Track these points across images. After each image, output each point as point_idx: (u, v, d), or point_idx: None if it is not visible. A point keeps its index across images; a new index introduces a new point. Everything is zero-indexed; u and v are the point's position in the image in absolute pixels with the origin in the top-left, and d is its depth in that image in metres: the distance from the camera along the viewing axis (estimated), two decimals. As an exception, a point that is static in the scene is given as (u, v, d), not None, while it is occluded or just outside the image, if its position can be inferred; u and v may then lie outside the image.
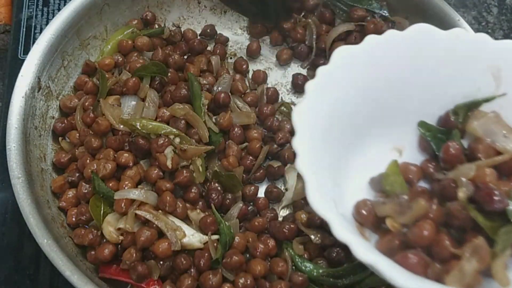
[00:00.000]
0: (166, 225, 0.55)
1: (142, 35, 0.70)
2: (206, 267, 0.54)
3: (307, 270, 0.55)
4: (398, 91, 0.47)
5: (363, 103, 0.45)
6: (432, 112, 0.50)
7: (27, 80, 0.61)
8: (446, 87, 0.48)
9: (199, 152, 0.58)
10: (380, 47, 0.45)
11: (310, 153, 0.39)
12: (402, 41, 0.45)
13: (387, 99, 0.47)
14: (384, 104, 0.47)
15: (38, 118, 0.63)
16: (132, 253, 0.54)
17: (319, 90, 0.41)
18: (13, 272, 0.60)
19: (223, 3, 0.74)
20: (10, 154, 0.57)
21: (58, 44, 0.65)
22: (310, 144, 0.39)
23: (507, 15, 0.88)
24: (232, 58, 0.75)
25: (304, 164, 0.38)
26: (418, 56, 0.46)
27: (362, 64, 0.44)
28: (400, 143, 0.50)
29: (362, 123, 0.46)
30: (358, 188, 0.47)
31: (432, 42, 0.46)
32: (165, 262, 0.55)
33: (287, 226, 0.57)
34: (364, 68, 0.44)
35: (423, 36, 0.46)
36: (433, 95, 0.49)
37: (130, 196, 0.55)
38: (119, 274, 0.56)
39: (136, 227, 0.55)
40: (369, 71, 0.45)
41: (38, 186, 0.58)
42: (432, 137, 0.49)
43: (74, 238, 0.57)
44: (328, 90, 0.42)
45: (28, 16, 0.76)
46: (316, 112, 0.41)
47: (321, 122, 0.41)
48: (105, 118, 0.60)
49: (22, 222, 0.54)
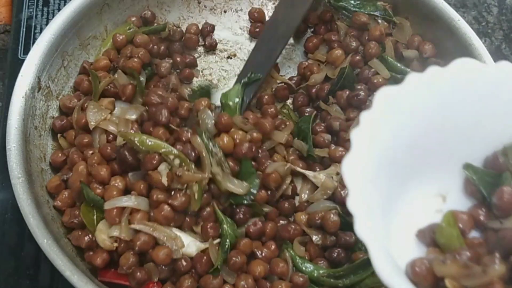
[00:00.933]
0: (164, 235, 0.53)
1: (141, 33, 0.70)
2: (205, 271, 0.54)
3: (308, 270, 0.55)
4: (442, 132, 0.44)
5: (407, 149, 0.42)
6: (478, 154, 0.46)
7: (27, 80, 0.61)
8: (494, 126, 0.44)
9: (195, 180, 0.54)
10: (423, 87, 0.42)
11: (367, 214, 0.36)
12: (446, 78, 0.42)
13: (431, 140, 0.44)
14: (427, 146, 0.44)
15: (38, 118, 0.62)
16: (128, 258, 0.54)
17: (365, 138, 0.38)
18: (13, 272, 0.60)
19: None
20: (10, 154, 0.57)
21: (58, 44, 0.65)
22: (365, 204, 0.36)
23: (507, 15, 0.88)
24: (232, 58, 0.75)
25: (364, 229, 0.35)
26: (463, 93, 0.43)
27: (406, 106, 0.42)
28: (444, 188, 0.46)
29: (406, 171, 0.43)
30: (405, 241, 0.43)
31: (477, 77, 0.43)
32: (165, 266, 0.55)
33: (292, 227, 0.57)
34: (408, 110, 0.42)
35: (467, 72, 0.43)
36: (479, 134, 0.45)
37: (120, 204, 0.54)
38: (118, 277, 0.55)
39: (131, 234, 0.54)
40: (413, 113, 0.42)
41: (38, 186, 0.58)
42: (480, 181, 0.44)
43: (72, 239, 0.57)
44: (373, 138, 0.39)
45: (28, 16, 0.76)
46: (365, 164, 0.38)
47: (370, 174, 0.38)
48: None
49: (22, 222, 0.54)
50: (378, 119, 0.40)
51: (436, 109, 0.43)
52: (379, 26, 0.70)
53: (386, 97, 0.40)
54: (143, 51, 0.67)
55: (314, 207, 0.59)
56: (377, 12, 0.71)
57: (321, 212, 0.57)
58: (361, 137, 0.38)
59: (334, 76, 0.68)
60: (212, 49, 0.76)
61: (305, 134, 0.64)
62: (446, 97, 0.43)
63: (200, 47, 0.76)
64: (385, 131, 0.40)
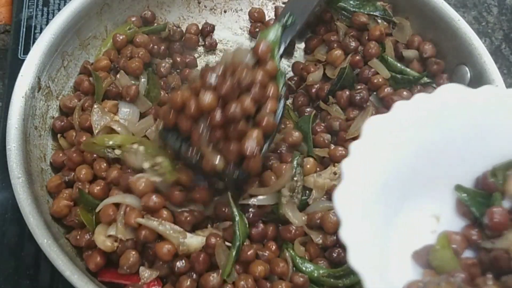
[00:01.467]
0: (169, 229, 0.54)
1: (141, 33, 0.70)
2: (203, 270, 0.54)
3: (308, 270, 0.55)
4: (432, 156, 0.45)
5: (398, 174, 0.43)
6: (469, 175, 0.47)
7: (27, 80, 0.61)
8: (482, 147, 0.45)
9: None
10: (410, 114, 0.43)
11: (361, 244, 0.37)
12: (432, 104, 0.43)
13: (421, 165, 0.45)
14: (418, 170, 0.45)
15: (38, 118, 0.62)
16: (128, 258, 0.54)
17: (356, 168, 0.39)
18: (13, 272, 0.60)
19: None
20: (10, 154, 0.57)
21: (58, 44, 0.65)
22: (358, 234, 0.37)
23: (507, 15, 0.88)
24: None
25: (357, 260, 0.35)
26: (449, 117, 0.44)
27: (394, 134, 0.43)
28: (438, 209, 0.47)
29: (398, 195, 0.44)
30: (402, 263, 0.44)
31: (463, 102, 0.44)
32: (164, 263, 0.55)
33: (294, 227, 0.57)
34: (396, 137, 0.43)
35: (453, 97, 0.44)
36: (469, 156, 0.46)
37: (112, 201, 0.55)
38: (118, 277, 0.56)
39: (129, 232, 0.54)
40: (401, 140, 0.43)
41: (38, 186, 0.58)
42: (471, 201, 0.46)
43: (71, 239, 0.57)
44: (364, 167, 0.40)
45: (28, 16, 0.76)
46: (356, 193, 0.39)
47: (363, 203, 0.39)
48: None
49: (22, 222, 0.54)
50: (368, 148, 0.40)
51: (425, 134, 0.44)
52: (379, 26, 0.70)
53: (374, 126, 0.41)
54: (143, 51, 0.68)
55: (314, 207, 0.59)
56: (376, 12, 0.71)
57: (321, 212, 0.57)
58: (352, 167, 0.39)
59: (334, 76, 0.68)
60: (212, 49, 0.76)
61: (305, 134, 0.64)
62: (434, 122, 0.44)
63: (200, 47, 0.76)
64: (376, 160, 0.41)
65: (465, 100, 0.44)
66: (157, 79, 0.67)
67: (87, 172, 0.59)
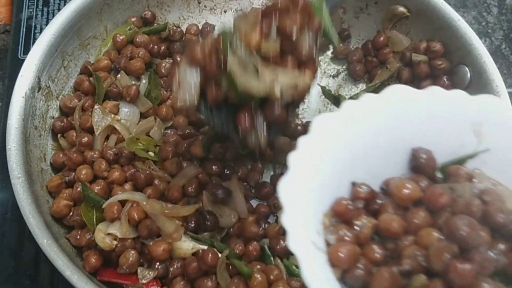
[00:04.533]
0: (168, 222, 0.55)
1: (141, 33, 0.70)
2: (195, 275, 0.54)
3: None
4: (380, 154, 0.46)
5: (345, 170, 0.45)
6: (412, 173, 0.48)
7: (27, 80, 0.61)
8: (429, 147, 0.47)
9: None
10: (358, 112, 0.45)
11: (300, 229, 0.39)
12: (379, 104, 0.45)
13: (369, 163, 0.46)
14: (365, 169, 0.46)
15: (38, 118, 0.62)
16: (128, 258, 0.55)
17: (301, 161, 0.41)
18: (13, 272, 0.60)
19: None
20: (10, 154, 0.57)
21: (58, 44, 0.65)
22: (298, 220, 0.39)
23: (507, 15, 0.88)
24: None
25: (295, 243, 0.37)
26: (397, 117, 0.46)
27: (342, 131, 0.44)
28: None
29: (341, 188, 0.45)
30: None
31: (410, 102, 0.46)
32: (161, 264, 0.56)
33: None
34: (344, 134, 0.45)
35: (399, 97, 0.45)
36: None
37: (118, 198, 0.56)
38: (117, 277, 0.56)
39: (130, 231, 0.55)
40: (349, 137, 0.45)
41: (38, 186, 0.58)
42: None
43: (71, 239, 0.57)
44: (309, 159, 0.42)
45: (28, 16, 0.76)
46: (300, 184, 0.41)
47: (305, 193, 0.41)
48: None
49: (22, 222, 0.54)
50: (314, 143, 0.42)
51: (371, 132, 0.45)
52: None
53: (322, 122, 0.43)
54: (143, 51, 0.68)
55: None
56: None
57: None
58: (298, 159, 0.41)
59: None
60: (212, 49, 0.76)
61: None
62: (381, 121, 0.45)
63: (200, 47, 0.76)
64: (321, 153, 0.43)
65: (412, 100, 0.46)
66: (158, 79, 0.67)
67: (87, 172, 0.60)
